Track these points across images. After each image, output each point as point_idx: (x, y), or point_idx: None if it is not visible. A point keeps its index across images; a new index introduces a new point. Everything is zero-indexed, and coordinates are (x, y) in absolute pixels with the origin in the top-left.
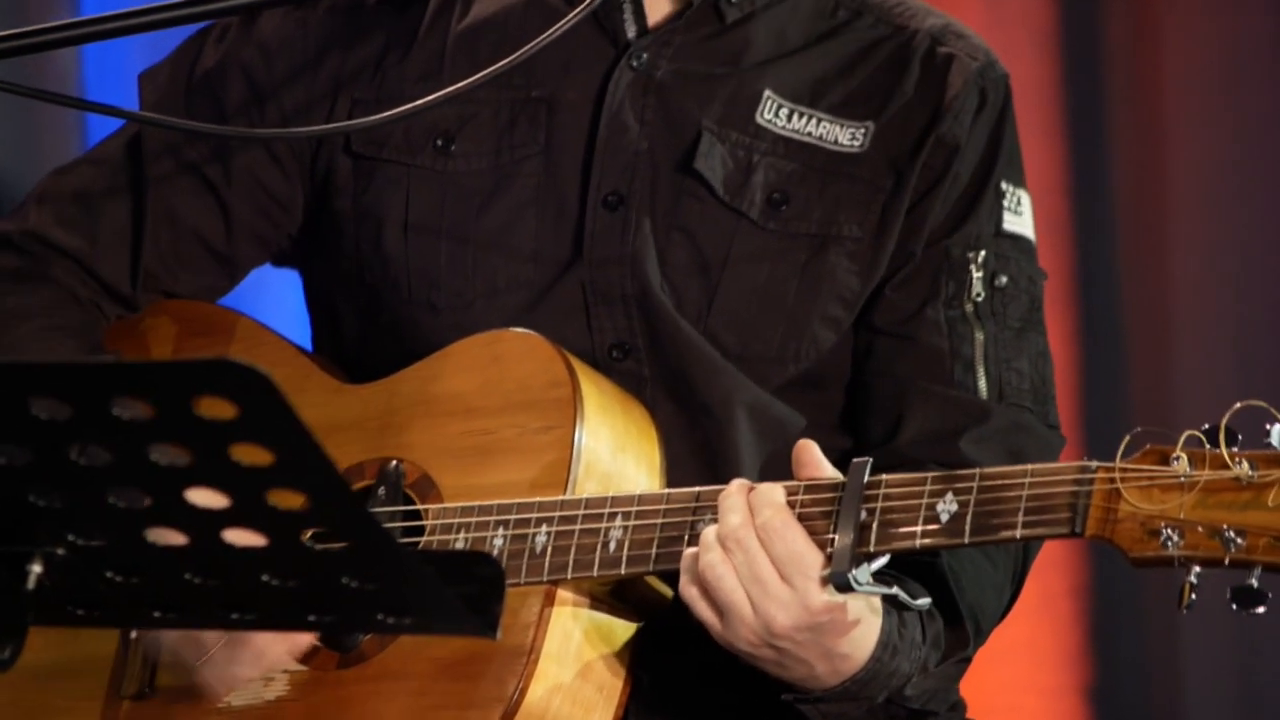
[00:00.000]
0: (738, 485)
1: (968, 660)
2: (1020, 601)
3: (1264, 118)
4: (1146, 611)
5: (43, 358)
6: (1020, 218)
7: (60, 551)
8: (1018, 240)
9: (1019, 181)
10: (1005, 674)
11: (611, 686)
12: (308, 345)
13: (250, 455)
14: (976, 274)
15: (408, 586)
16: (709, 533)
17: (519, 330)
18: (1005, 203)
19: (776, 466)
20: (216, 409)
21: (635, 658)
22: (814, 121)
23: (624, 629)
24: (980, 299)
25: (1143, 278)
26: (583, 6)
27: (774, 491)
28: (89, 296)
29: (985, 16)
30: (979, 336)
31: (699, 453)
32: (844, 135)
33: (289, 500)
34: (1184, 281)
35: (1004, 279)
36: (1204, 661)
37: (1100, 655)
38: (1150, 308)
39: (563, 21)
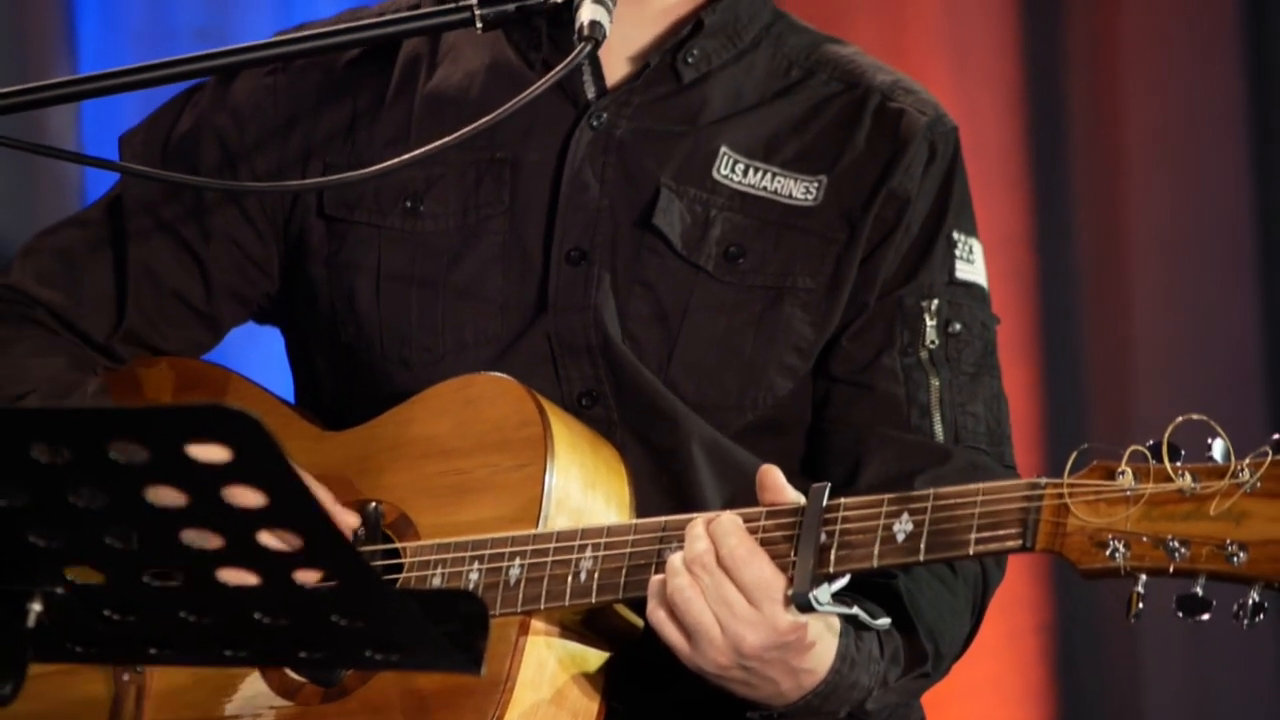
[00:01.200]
0: (703, 516)
1: (927, 676)
2: (986, 640)
3: (1219, 170)
4: (1108, 649)
5: (37, 380)
6: (972, 265)
7: (59, 591)
8: (970, 288)
9: (970, 230)
10: (972, 711)
11: (586, 712)
12: (290, 398)
13: (243, 497)
14: (930, 322)
15: (395, 624)
16: (675, 558)
17: (491, 374)
18: (957, 252)
19: (739, 507)
20: (210, 453)
21: (609, 686)
22: (769, 176)
23: (597, 658)
24: (935, 346)
25: (1104, 323)
26: (549, 76)
27: (735, 520)
28: (69, 340)
29: (951, 74)
30: (934, 383)
31: (667, 493)
32: (798, 189)
33: (281, 540)
34: (1144, 326)
35: (957, 326)
36: (1164, 697)
37: (1064, 692)
38: (1111, 352)
39: (529, 91)
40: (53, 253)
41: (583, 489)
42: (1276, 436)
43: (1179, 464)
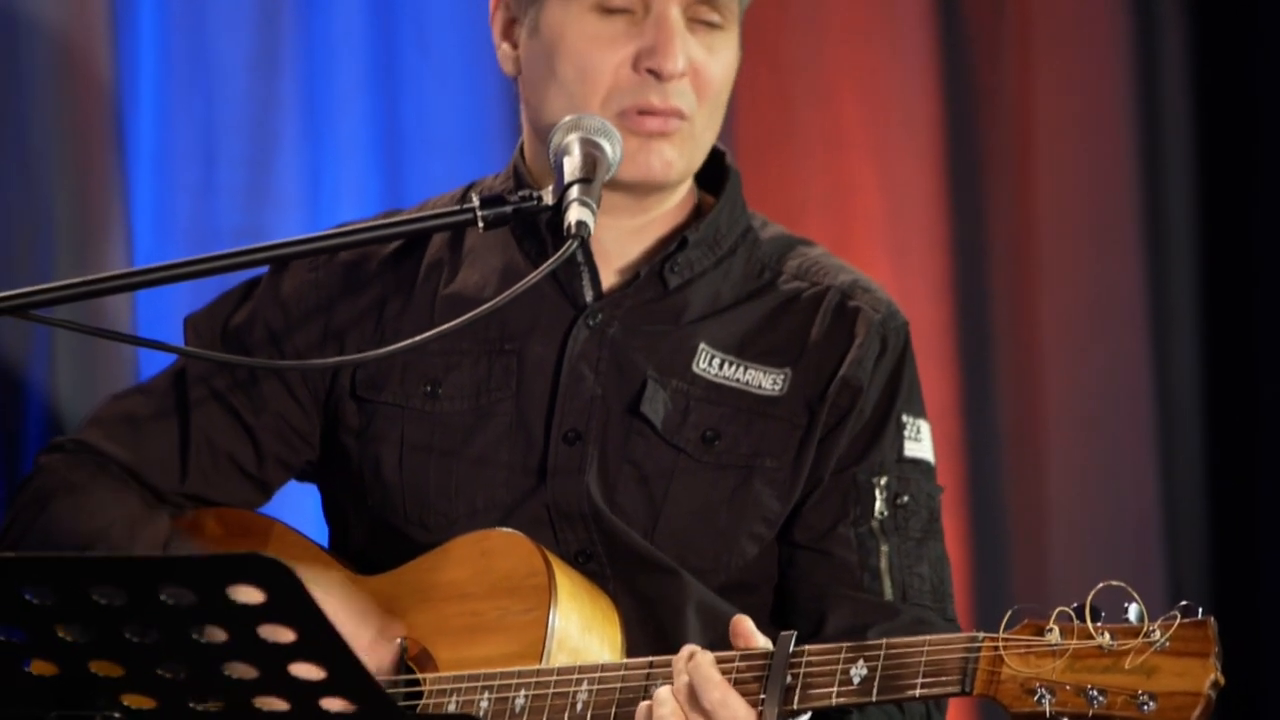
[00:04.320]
0: (686, 651)
1: None
2: None
3: (1123, 352)
4: None
5: (116, 519)
6: (920, 444)
7: (117, 716)
8: (918, 463)
9: (919, 412)
10: None
11: None
12: (326, 545)
13: (276, 634)
14: (880, 496)
15: None
16: (664, 691)
17: (504, 530)
18: (906, 433)
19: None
20: (247, 595)
21: None
22: (741, 369)
23: None
24: (884, 516)
25: (1023, 486)
26: (543, 267)
27: (711, 667)
28: (137, 487)
29: (890, 267)
30: (884, 549)
31: (654, 642)
32: (767, 380)
33: (309, 671)
34: (1059, 489)
35: (905, 498)
36: None
37: None
38: (1030, 511)
39: (532, 275)
40: (120, 417)
41: (581, 632)
42: (1184, 603)
43: (1099, 624)
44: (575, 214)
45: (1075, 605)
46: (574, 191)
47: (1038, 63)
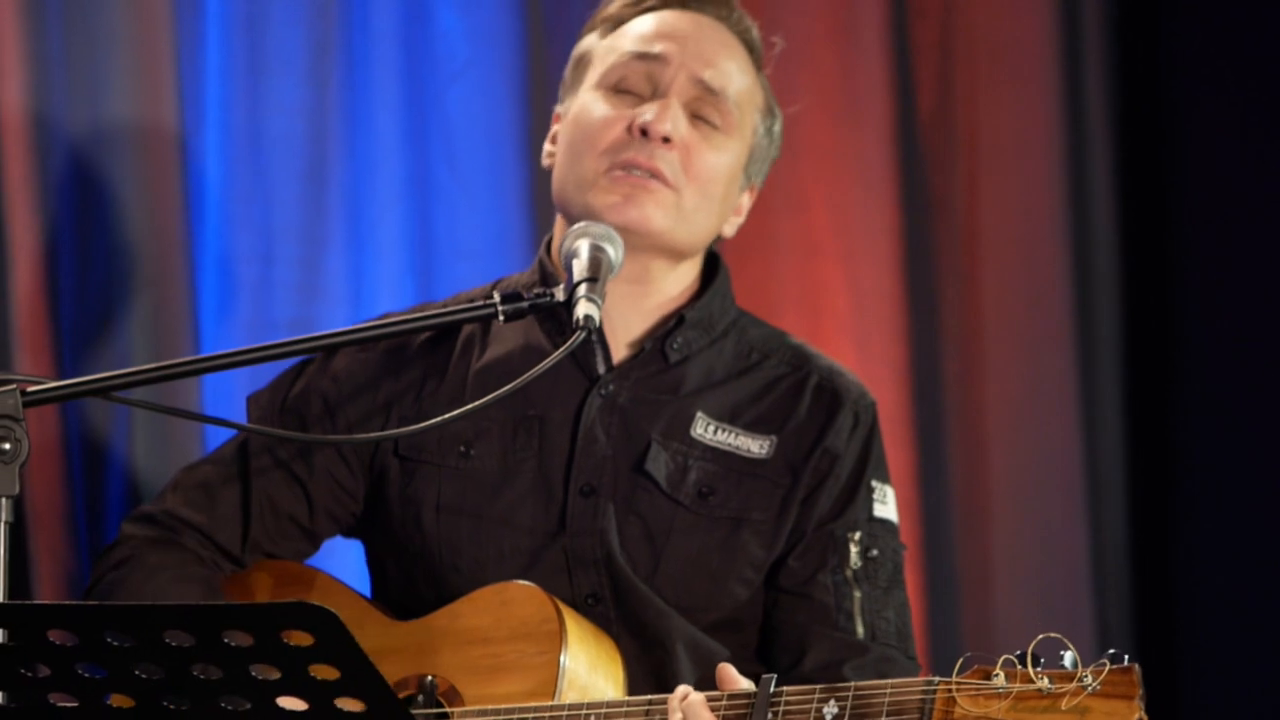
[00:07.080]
0: (680, 692)
1: None
2: None
3: (1057, 429)
4: None
5: (176, 601)
6: (886, 506)
7: None
8: (884, 523)
9: (884, 479)
10: None
11: None
12: (368, 593)
13: (323, 672)
14: (854, 549)
15: None
16: None
17: (521, 582)
18: (875, 496)
19: (706, 687)
20: (298, 638)
21: None
22: (733, 435)
23: None
24: (857, 567)
25: (971, 546)
26: (556, 354)
27: (703, 706)
28: (209, 557)
29: (856, 356)
30: (856, 594)
31: (650, 675)
32: (755, 445)
33: (352, 705)
34: (1001, 548)
35: (874, 551)
36: None
37: None
38: (977, 567)
39: (541, 364)
40: (195, 484)
41: (588, 671)
42: (1112, 651)
43: (1039, 669)
44: (583, 309)
45: (1019, 653)
46: (582, 289)
47: (983, 177)
